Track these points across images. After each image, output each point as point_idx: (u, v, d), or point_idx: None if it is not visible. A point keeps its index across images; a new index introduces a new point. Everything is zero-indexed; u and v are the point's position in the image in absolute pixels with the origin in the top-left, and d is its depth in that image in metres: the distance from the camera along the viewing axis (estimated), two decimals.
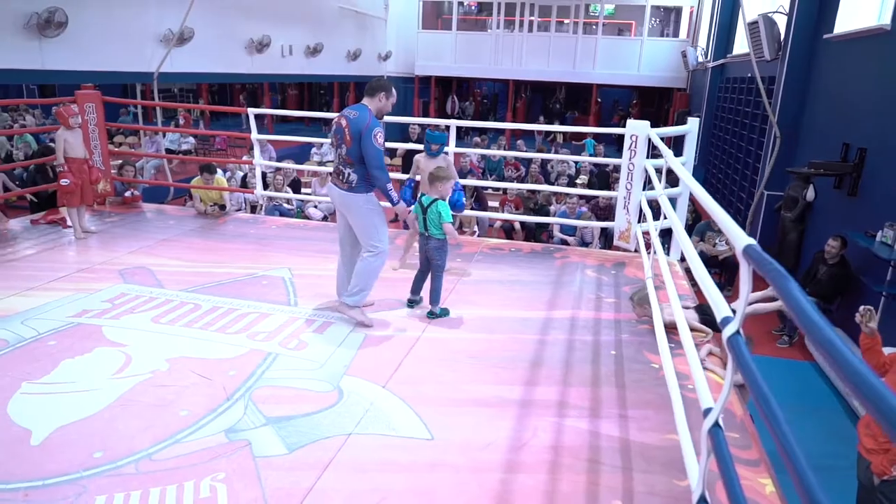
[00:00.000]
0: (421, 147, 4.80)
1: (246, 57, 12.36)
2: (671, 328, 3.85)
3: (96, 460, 2.43)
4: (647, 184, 6.78)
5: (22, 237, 5.41)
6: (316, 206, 8.26)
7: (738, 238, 1.75)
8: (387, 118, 3.85)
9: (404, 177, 5.22)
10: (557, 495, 2.37)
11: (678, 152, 5.28)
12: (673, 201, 5.26)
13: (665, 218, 3.91)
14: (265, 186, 8.42)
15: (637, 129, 4.93)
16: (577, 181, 10.54)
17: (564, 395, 3.14)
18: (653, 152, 5.19)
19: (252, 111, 6.05)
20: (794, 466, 1.16)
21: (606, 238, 7.93)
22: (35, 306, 3.88)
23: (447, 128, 5.65)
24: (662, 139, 4.82)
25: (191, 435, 2.63)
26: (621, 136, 5.24)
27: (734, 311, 1.76)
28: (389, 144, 5.74)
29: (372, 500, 2.30)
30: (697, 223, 8.04)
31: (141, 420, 2.72)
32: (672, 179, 5.68)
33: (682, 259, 6.86)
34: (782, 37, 8.36)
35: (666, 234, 5.71)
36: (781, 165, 7.88)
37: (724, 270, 7.57)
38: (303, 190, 8.95)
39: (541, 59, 18.63)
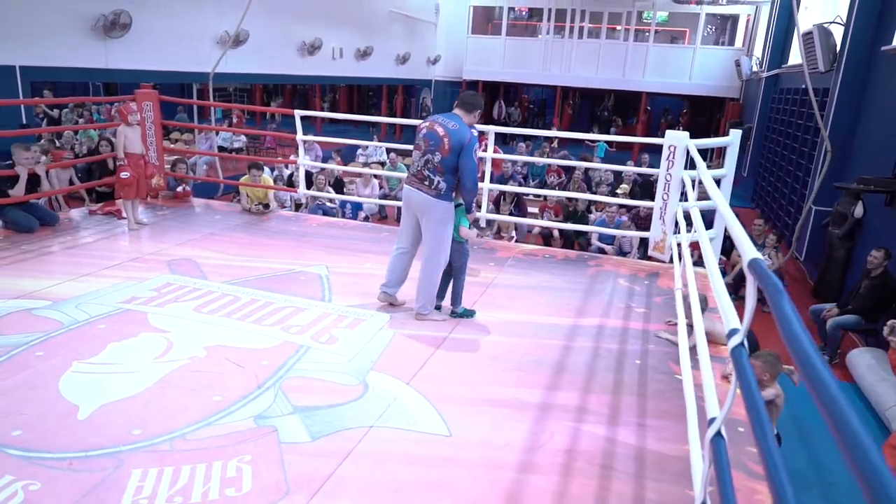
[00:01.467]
0: None
1: (298, 59, 12.72)
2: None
3: (135, 437, 2.60)
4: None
5: (81, 226, 5.75)
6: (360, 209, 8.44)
7: (745, 252, 1.78)
8: None
9: None
10: (567, 497, 2.42)
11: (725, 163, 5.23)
12: (714, 213, 5.23)
13: (694, 230, 3.90)
14: (309, 185, 8.68)
15: (675, 140, 4.90)
16: (619, 190, 10.45)
17: (584, 400, 3.18)
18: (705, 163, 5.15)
19: (299, 113, 6.27)
20: (774, 482, 1.20)
21: (646, 248, 7.86)
22: (89, 291, 4.14)
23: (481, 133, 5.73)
24: (704, 150, 4.79)
25: (222, 418, 2.78)
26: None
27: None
28: None
29: (388, 489, 2.39)
30: None
31: (177, 402, 2.89)
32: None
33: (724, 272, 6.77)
34: (838, 48, 8.13)
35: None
36: (831, 180, 7.66)
37: None
38: (345, 189, 9.16)
39: (590, 66, 18.53)
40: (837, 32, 8.19)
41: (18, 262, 4.66)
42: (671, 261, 5.45)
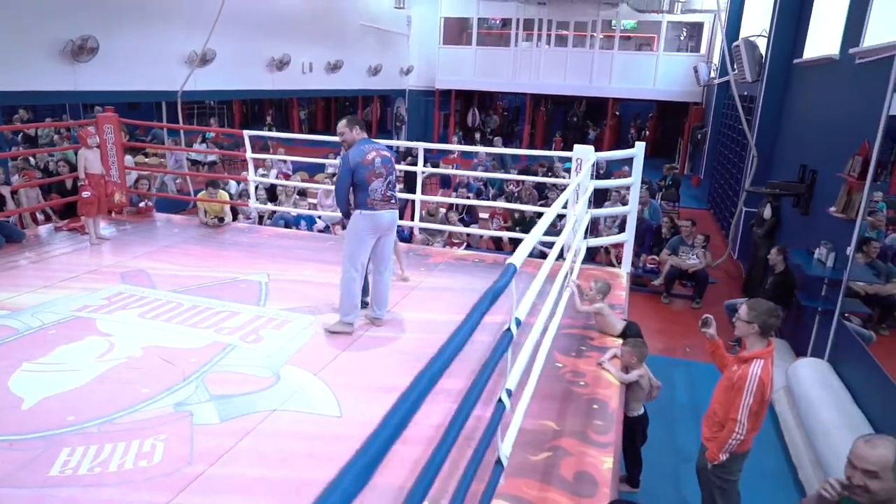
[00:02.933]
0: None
1: (267, 74, 13.21)
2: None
3: (68, 422, 3.09)
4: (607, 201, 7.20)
5: (46, 242, 6.22)
6: (319, 218, 8.93)
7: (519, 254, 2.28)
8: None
9: None
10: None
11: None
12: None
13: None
14: (273, 198, 9.17)
15: (581, 154, 5.42)
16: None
17: (467, 385, 3.67)
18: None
19: (247, 133, 6.77)
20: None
21: (589, 253, 8.39)
22: (45, 301, 4.62)
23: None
24: (613, 161, 5.30)
25: (147, 406, 3.27)
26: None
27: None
28: None
29: (276, 459, 2.89)
30: (674, 237, 8.41)
31: (110, 394, 3.37)
32: (624, 199, 6.15)
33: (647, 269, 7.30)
34: (764, 60, 8.70)
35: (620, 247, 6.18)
36: (758, 184, 8.23)
37: (695, 283, 7.93)
38: (309, 200, 9.64)
39: (558, 74, 19.11)
40: (764, 45, 8.77)
41: None
42: (592, 259, 5.98)
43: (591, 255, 8.05)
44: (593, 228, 8.08)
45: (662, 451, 4.74)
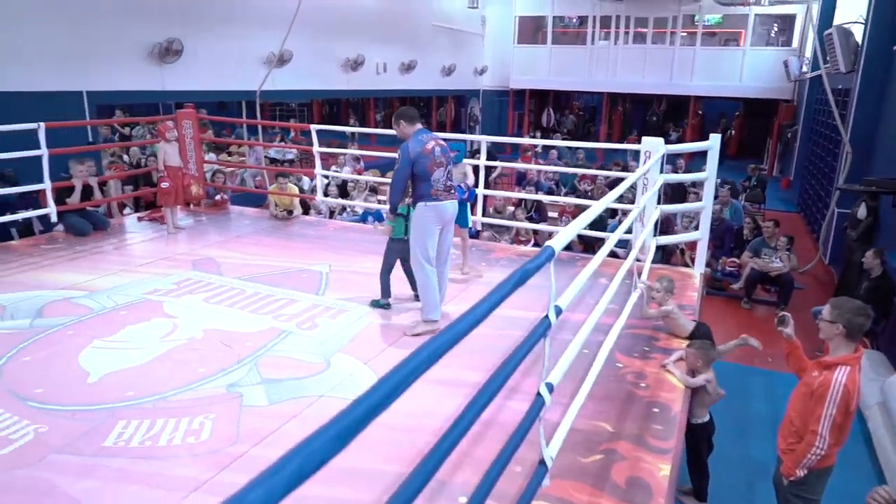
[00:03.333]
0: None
1: (342, 74, 13.49)
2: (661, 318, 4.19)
3: (127, 397, 3.20)
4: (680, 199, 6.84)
5: (128, 231, 6.56)
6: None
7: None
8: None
9: None
10: (468, 457, 2.82)
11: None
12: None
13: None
14: (344, 195, 9.31)
15: (650, 145, 5.16)
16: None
17: (520, 382, 3.55)
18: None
19: (314, 127, 6.89)
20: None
21: (665, 252, 8.02)
22: (120, 284, 4.85)
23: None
24: (680, 155, 5.02)
25: (200, 386, 3.34)
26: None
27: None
28: None
29: None
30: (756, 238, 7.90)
31: (168, 372, 3.47)
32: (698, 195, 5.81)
33: (718, 271, 6.86)
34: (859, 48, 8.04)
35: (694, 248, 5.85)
36: (853, 182, 7.60)
37: (779, 288, 7.41)
38: (379, 197, 9.74)
39: (636, 72, 18.51)
40: (860, 32, 8.10)
41: (71, 260, 5.45)
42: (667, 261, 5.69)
43: (666, 257, 7.70)
44: (668, 229, 7.71)
45: (736, 465, 4.42)
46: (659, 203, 5.41)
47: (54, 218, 5.95)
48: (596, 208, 3.02)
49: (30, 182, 5.89)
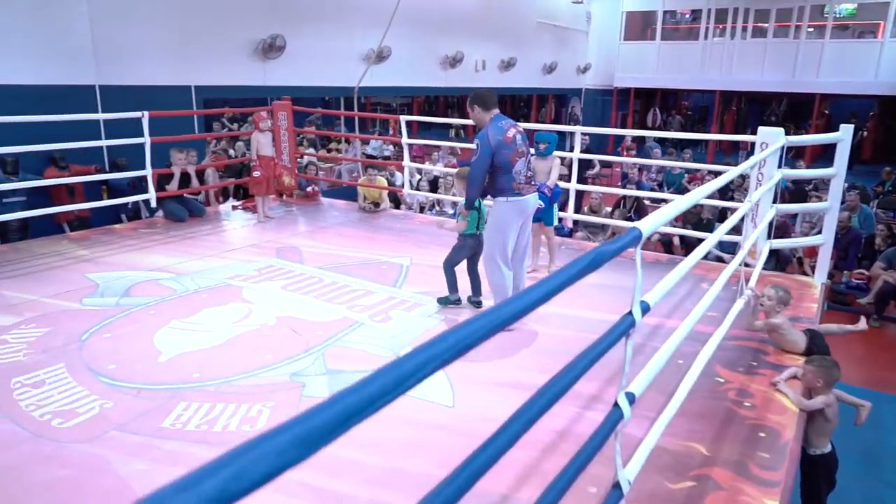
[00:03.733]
0: None
1: (440, 71, 13.42)
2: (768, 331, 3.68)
3: (192, 379, 3.16)
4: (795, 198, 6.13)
5: (222, 218, 6.75)
6: None
7: None
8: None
9: None
10: (536, 470, 2.52)
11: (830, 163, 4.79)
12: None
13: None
14: (435, 188, 9.20)
15: (767, 136, 4.58)
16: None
17: (602, 390, 3.19)
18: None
19: (403, 118, 6.78)
20: None
21: (779, 259, 7.26)
22: (206, 268, 4.93)
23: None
24: (804, 148, 4.43)
25: (265, 372, 3.25)
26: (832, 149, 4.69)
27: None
28: None
29: (374, 443, 2.67)
30: (890, 248, 6.97)
31: (235, 356, 3.42)
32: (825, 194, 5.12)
33: (832, 277, 6.03)
34: None
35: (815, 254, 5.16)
36: None
37: None
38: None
39: (754, 68, 17.17)
40: None
41: (164, 244, 5.64)
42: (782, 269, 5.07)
43: (781, 265, 6.95)
44: (784, 233, 6.96)
45: None
46: (775, 202, 4.81)
47: (154, 203, 6.20)
48: (702, 190, 2.61)
49: (140, 170, 6.19)
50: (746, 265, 5.24)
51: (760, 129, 4.70)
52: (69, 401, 2.92)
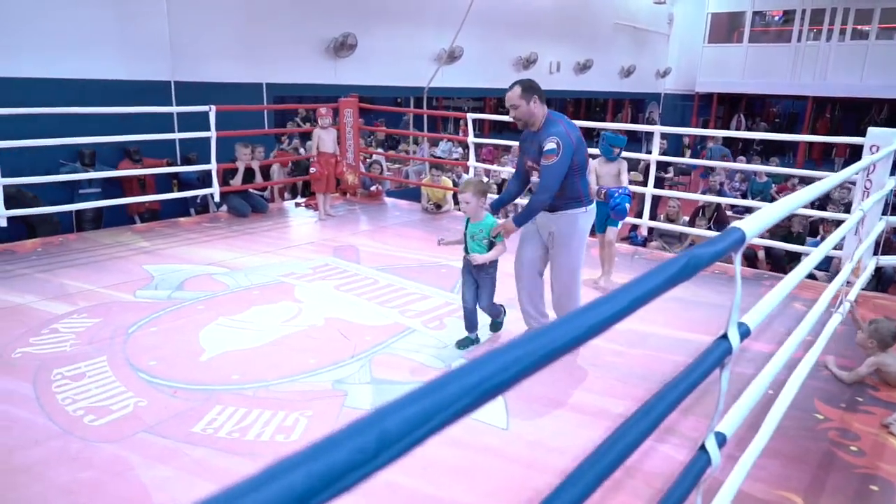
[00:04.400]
0: None
1: (513, 73, 13.09)
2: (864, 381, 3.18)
3: (231, 380, 2.99)
4: None
5: (284, 215, 6.69)
6: None
7: None
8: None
9: None
10: None
11: None
12: None
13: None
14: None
15: (879, 139, 4.02)
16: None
17: (678, 422, 2.80)
18: None
19: (470, 116, 6.52)
20: None
21: (881, 279, 6.54)
22: (261, 265, 4.82)
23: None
24: None
25: (306, 378, 3.05)
26: None
27: None
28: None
29: (418, 465, 2.40)
30: None
31: (278, 359, 3.24)
32: None
33: None
34: None
35: None
36: None
37: None
38: None
39: (853, 73, 15.92)
40: None
41: (224, 238, 5.60)
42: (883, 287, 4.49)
43: (883, 286, 6.25)
44: (891, 249, 6.25)
45: None
46: (884, 214, 4.24)
47: (217, 198, 6.20)
48: (808, 193, 2.21)
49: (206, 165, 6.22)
50: (847, 283, 4.68)
51: (870, 130, 4.15)
52: (105, 397, 2.80)
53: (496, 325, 3.64)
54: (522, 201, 4.66)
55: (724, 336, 1.48)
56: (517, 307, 3.64)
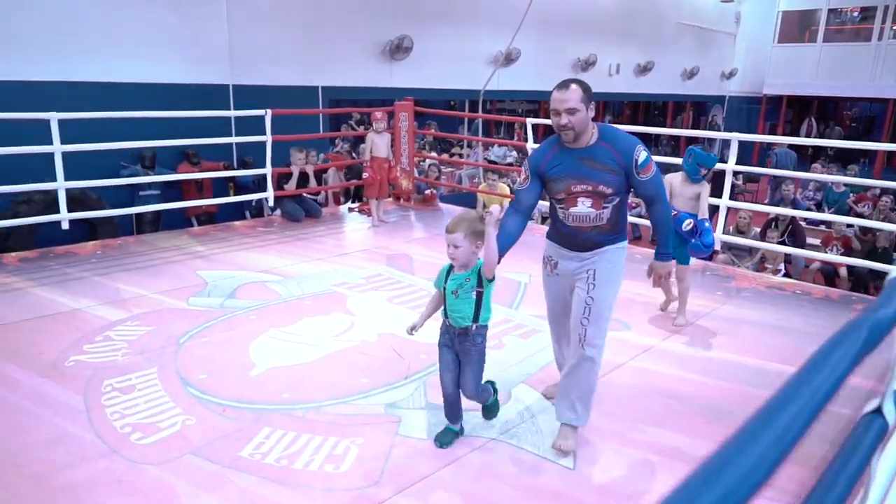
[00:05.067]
0: None
1: (570, 75, 12.72)
2: None
3: (281, 399, 2.85)
4: None
5: (337, 220, 6.60)
6: None
7: None
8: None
9: None
10: None
11: None
12: None
13: None
14: None
15: None
16: None
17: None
18: None
19: (530, 121, 6.27)
20: None
21: None
22: (313, 273, 4.71)
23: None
24: None
25: (358, 399, 2.88)
26: None
27: None
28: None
29: (468, 496, 2.20)
30: None
31: (331, 377, 3.09)
32: None
33: None
34: None
35: None
36: None
37: None
38: None
39: None
40: None
41: (278, 244, 5.53)
42: None
43: None
44: None
45: None
46: None
47: (271, 202, 6.16)
48: None
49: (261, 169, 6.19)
50: None
51: None
52: (153, 412, 2.71)
53: (490, 410, 2.69)
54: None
55: (878, 410, 1.21)
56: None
